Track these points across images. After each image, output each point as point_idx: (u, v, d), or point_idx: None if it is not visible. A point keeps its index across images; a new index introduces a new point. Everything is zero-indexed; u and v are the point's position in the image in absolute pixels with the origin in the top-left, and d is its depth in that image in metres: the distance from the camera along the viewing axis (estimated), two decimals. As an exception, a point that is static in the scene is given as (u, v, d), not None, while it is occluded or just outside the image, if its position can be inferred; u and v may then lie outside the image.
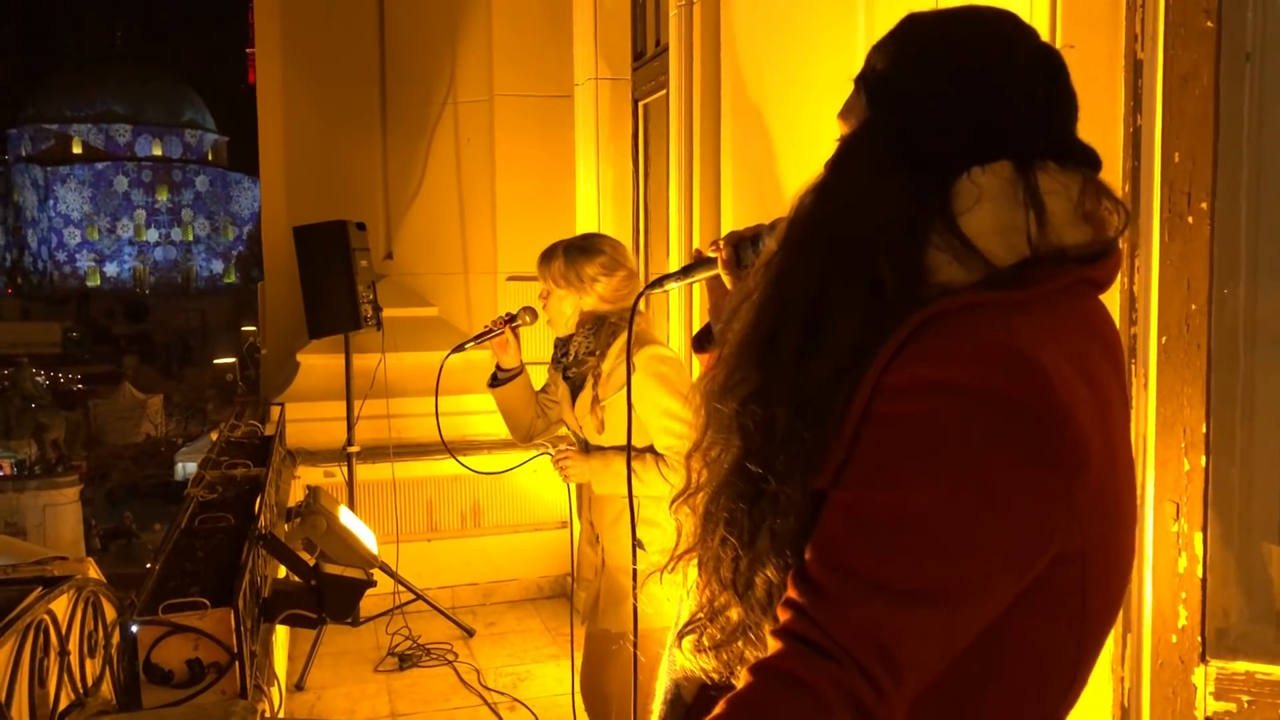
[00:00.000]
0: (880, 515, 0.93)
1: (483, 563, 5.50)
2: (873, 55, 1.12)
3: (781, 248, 1.10)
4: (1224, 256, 2.01)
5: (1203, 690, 2.02)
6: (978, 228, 1.01)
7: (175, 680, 2.05)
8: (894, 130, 1.06)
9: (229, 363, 40.00)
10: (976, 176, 1.02)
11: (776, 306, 1.07)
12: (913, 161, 1.04)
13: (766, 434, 1.03)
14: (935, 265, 1.01)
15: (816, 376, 1.00)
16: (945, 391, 0.93)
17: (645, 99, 5.06)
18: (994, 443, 0.92)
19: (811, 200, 1.10)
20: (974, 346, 0.95)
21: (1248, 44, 2.03)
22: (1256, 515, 2.14)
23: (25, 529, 21.42)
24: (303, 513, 3.45)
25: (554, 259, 2.93)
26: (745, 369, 1.07)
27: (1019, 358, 0.93)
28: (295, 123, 6.07)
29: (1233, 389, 2.07)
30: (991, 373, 0.93)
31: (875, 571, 0.91)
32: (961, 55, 1.06)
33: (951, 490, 0.91)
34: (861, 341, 0.99)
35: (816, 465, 0.98)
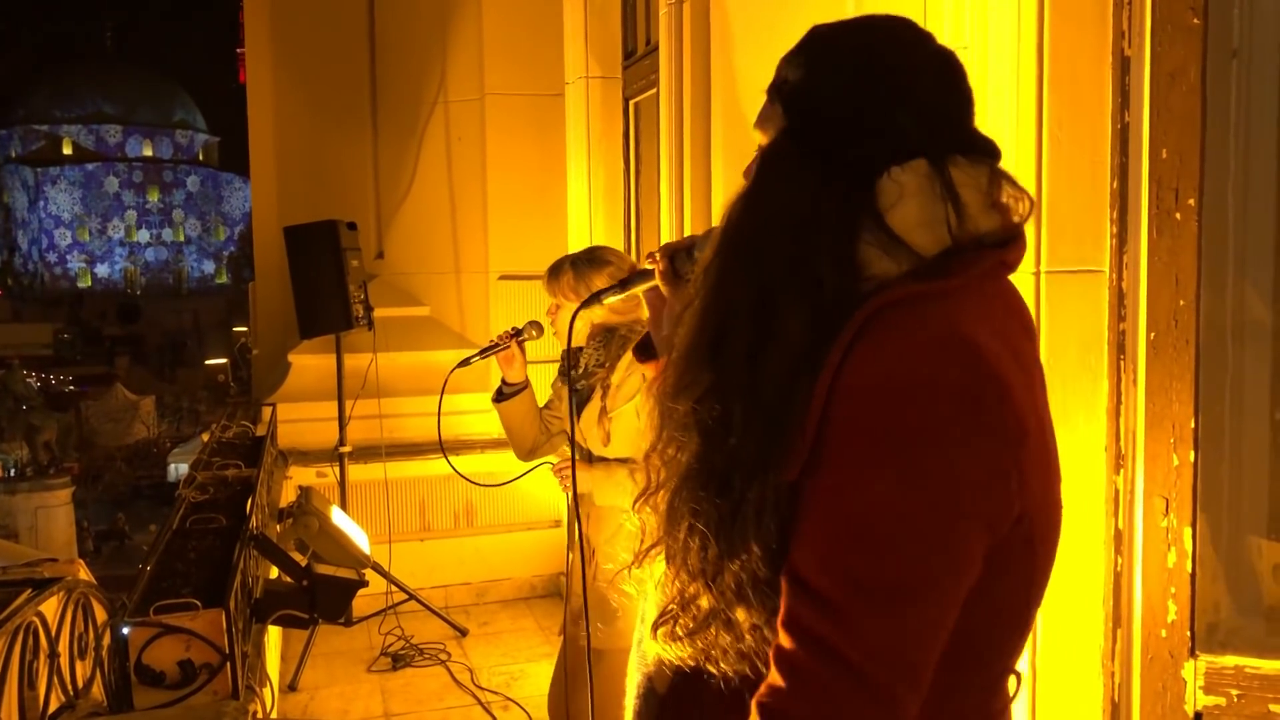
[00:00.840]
0: (860, 513, 0.98)
1: (476, 562, 5.49)
2: (784, 67, 1.18)
3: (719, 255, 1.15)
4: (1212, 252, 2.02)
5: (1192, 685, 2.03)
6: (903, 223, 1.08)
7: (167, 681, 2.05)
8: (814, 137, 1.12)
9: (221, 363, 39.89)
10: (896, 175, 1.08)
11: (721, 310, 1.12)
12: (835, 165, 1.10)
13: (723, 428, 1.08)
14: (867, 260, 1.08)
15: (770, 372, 1.06)
16: (899, 387, 0.99)
17: (636, 98, 5.06)
18: (951, 428, 0.99)
19: (743, 208, 1.15)
20: (920, 339, 1.02)
21: (1234, 41, 2.03)
22: (1245, 510, 2.15)
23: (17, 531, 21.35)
24: (295, 513, 3.45)
25: (562, 273, 2.92)
26: (695, 370, 1.13)
27: (962, 345, 1.01)
28: (286, 122, 6.06)
29: (1221, 384, 2.08)
30: (940, 364, 1.00)
31: (865, 574, 0.97)
32: (870, 63, 1.12)
33: (919, 478, 0.98)
34: (809, 335, 1.05)
35: (779, 457, 1.03)
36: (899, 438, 0.98)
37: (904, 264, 1.07)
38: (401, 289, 6.08)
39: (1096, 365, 2.09)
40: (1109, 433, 2.09)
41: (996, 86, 2.11)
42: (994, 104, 2.11)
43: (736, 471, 1.06)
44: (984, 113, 2.13)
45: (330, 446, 5.09)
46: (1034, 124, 2.05)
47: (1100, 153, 2.07)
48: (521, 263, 5.76)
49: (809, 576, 0.99)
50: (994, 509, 1.01)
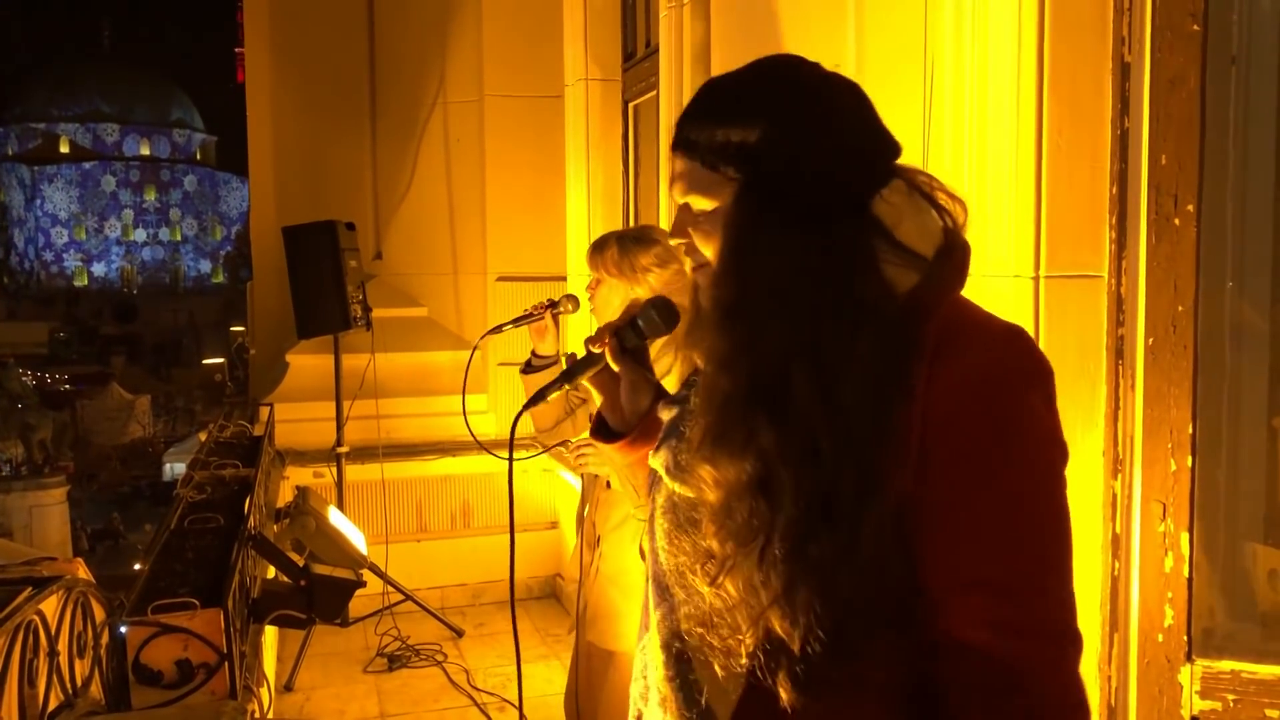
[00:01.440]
0: (1016, 500, 1.07)
1: (472, 563, 5.49)
2: (713, 130, 1.16)
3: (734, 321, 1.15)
4: (1210, 258, 2.03)
5: (1189, 689, 2.03)
6: (910, 236, 1.14)
7: (164, 681, 2.04)
8: (796, 191, 1.13)
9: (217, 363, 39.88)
10: (887, 197, 1.15)
11: (766, 364, 1.12)
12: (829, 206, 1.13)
13: (811, 466, 1.08)
14: (891, 278, 1.13)
15: (851, 403, 1.08)
16: (1001, 380, 1.09)
17: (635, 100, 5.07)
18: (1041, 405, 1.10)
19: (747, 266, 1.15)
20: (992, 335, 1.13)
21: (1234, 47, 2.04)
22: (1242, 515, 2.15)
23: (11, 530, 21.32)
24: (292, 513, 3.45)
25: (607, 248, 2.88)
26: (752, 427, 1.12)
27: (1021, 334, 1.14)
28: (284, 122, 6.06)
29: (1219, 390, 2.09)
30: (1018, 353, 1.12)
31: (1041, 551, 1.07)
32: (820, 108, 1.15)
33: (1040, 454, 1.10)
34: (880, 353, 1.09)
35: (883, 472, 1.07)
36: (1013, 424, 1.08)
37: (914, 274, 1.14)
38: (399, 290, 6.08)
39: (1095, 370, 2.09)
40: (1107, 437, 2.09)
41: (996, 93, 2.11)
42: (994, 110, 2.12)
43: (839, 499, 1.07)
44: (984, 119, 2.14)
45: (328, 447, 5.09)
46: (1034, 129, 2.06)
47: (1100, 158, 2.07)
48: (519, 264, 5.77)
49: (975, 575, 1.06)
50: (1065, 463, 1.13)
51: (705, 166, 1.17)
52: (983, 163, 2.15)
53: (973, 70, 2.16)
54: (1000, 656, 1.04)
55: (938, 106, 2.24)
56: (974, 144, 2.16)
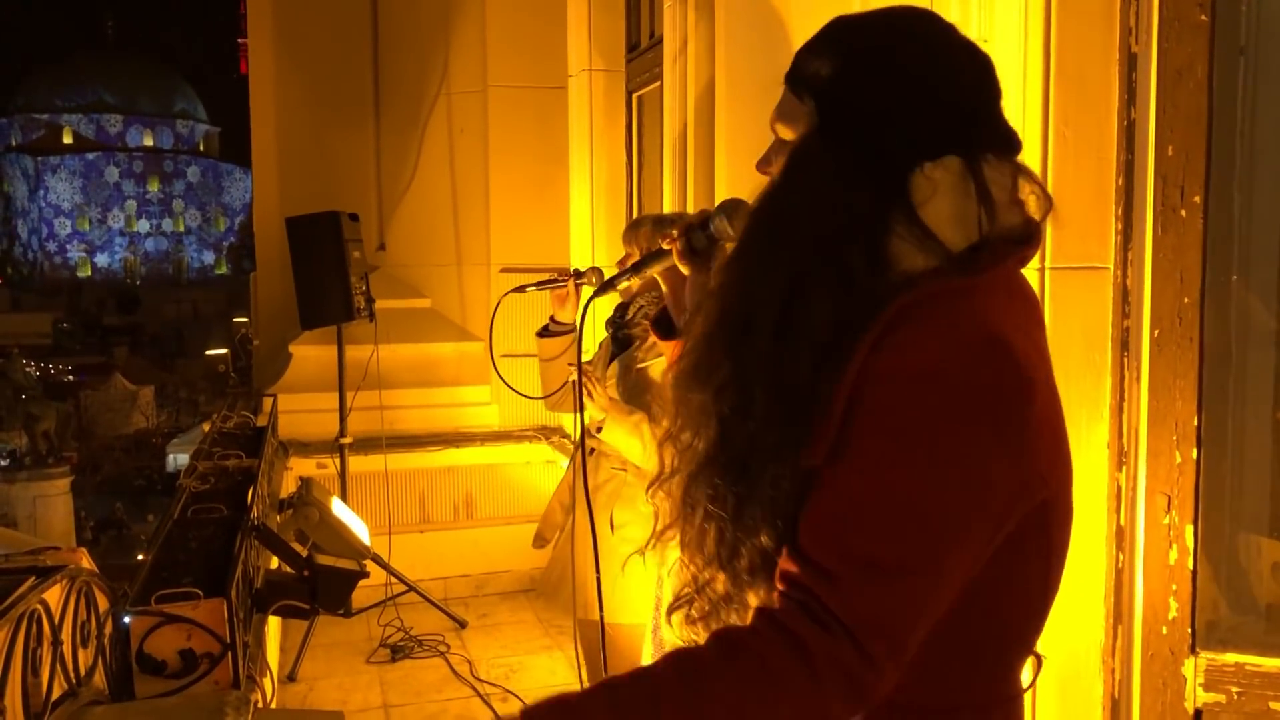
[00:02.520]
0: (873, 496, 1.02)
1: (475, 554, 5.49)
2: (809, 60, 1.16)
3: (747, 244, 1.17)
4: (1217, 250, 2.02)
5: (1192, 681, 2.03)
6: (936, 218, 1.09)
7: (168, 670, 2.05)
8: (846, 132, 1.12)
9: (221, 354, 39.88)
10: (930, 171, 1.09)
11: (747, 297, 1.13)
12: (867, 159, 1.10)
13: (744, 414, 1.10)
14: (898, 254, 1.09)
15: (794, 360, 1.08)
16: (929, 377, 1.02)
17: (639, 91, 5.06)
18: (972, 422, 1.02)
19: (773, 200, 1.16)
20: (952, 333, 1.04)
21: (1242, 38, 2.03)
22: (1247, 508, 2.15)
23: (16, 520, 21.38)
24: (295, 504, 3.45)
25: (643, 225, 2.96)
26: (716, 356, 1.14)
27: (995, 344, 1.03)
28: (287, 113, 6.05)
29: (1224, 382, 2.08)
30: (973, 360, 1.03)
31: (870, 551, 1.00)
32: (903, 58, 1.12)
33: (937, 468, 1.01)
34: (836, 326, 1.07)
35: (802, 442, 1.06)
36: (925, 427, 1.01)
37: (933, 259, 1.09)
38: (403, 281, 6.07)
39: (1100, 362, 2.09)
40: (1112, 429, 2.09)
41: (1003, 82, 2.10)
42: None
43: (754, 456, 1.08)
44: (990, 108, 2.13)
45: (331, 438, 5.09)
46: (1040, 120, 2.05)
47: (1106, 149, 2.07)
48: (523, 255, 5.76)
49: (811, 550, 1.03)
50: (1008, 504, 1.04)
51: (793, 91, 1.17)
52: (988, 154, 2.13)
53: (979, 60, 2.15)
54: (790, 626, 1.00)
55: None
56: (980, 135, 2.15)
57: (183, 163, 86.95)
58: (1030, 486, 1.06)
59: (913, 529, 1.01)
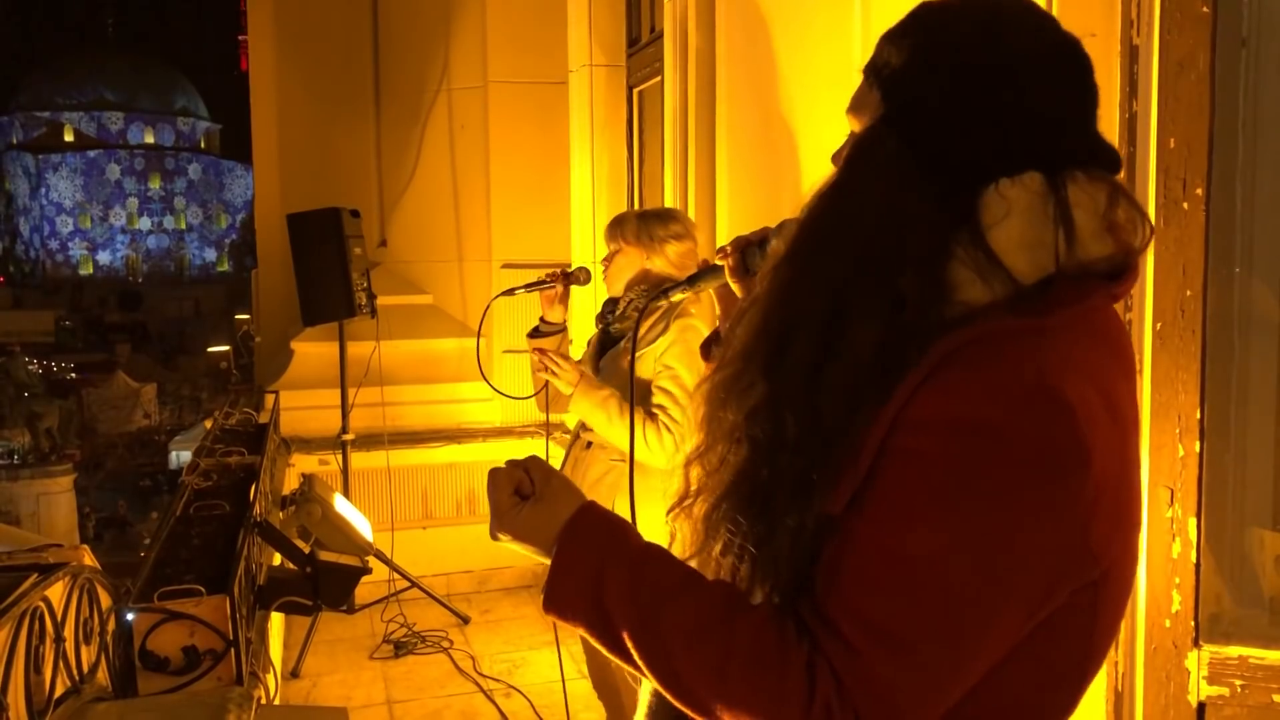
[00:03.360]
0: (893, 558, 0.90)
1: (478, 550, 5.48)
2: (886, 47, 1.06)
3: (793, 253, 1.04)
4: (1219, 243, 2.01)
5: (1196, 675, 2.03)
6: (1005, 243, 0.96)
7: (171, 667, 2.05)
8: (913, 134, 1.00)
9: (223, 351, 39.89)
10: (1005, 189, 0.96)
11: (788, 314, 1.02)
12: (935, 168, 0.98)
13: (775, 442, 0.99)
14: (958, 282, 0.97)
15: (831, 391, 0.96)
16: (969, 430, 0.90)
17: (640, 86, 5.05)
18: (1015, 486, 0.89)
19: (827, 200, 1.04)
20: (1002, 381, 0.91)
21: (1244, 30, 2.02)
22: (1250, 501, 2.14)
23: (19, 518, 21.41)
24: (298, 500, 3.45)
25: (627, 220, 2.99)
26: (751, 375, 1.03)
27: (1048, 395, 0.90)
28: (288, 110, 6.05)
29: (1227, 375, 2.08)
30: (1020, 414, 0.90)
31: (885, 621, 0.90)
32: (985, 52, 0.99)
33: (970, 535, 0.89)
34: (880, 358, 0.95)
35: (827, 484, 0.95)
36: (958, 485, 0.89)
37: (997, 290, 0.96)
38: (404, 277, 6.07)
39: (1102, 355, 2.08)
40: (1114, 423, 2.08)
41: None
42: (1001, 93, 2.10)
43: (779, 491, 0.97)
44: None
45: (333, 434, 5.09)
46: (1041, 113, 2.04)
47: (1108, 142, 2.06)
48: (524, 251, 5.76)
49: (827, 608, 0.93)
50: (1050, 581, 0.93)
51: (866, 80, 1.06)
52: (990, 147, 2.13)
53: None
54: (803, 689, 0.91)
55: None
56: (981, 128, 2.15)
57: (184, 160, 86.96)
58: (1078, 564, 0.93)
59: (933, 600, 0.89)
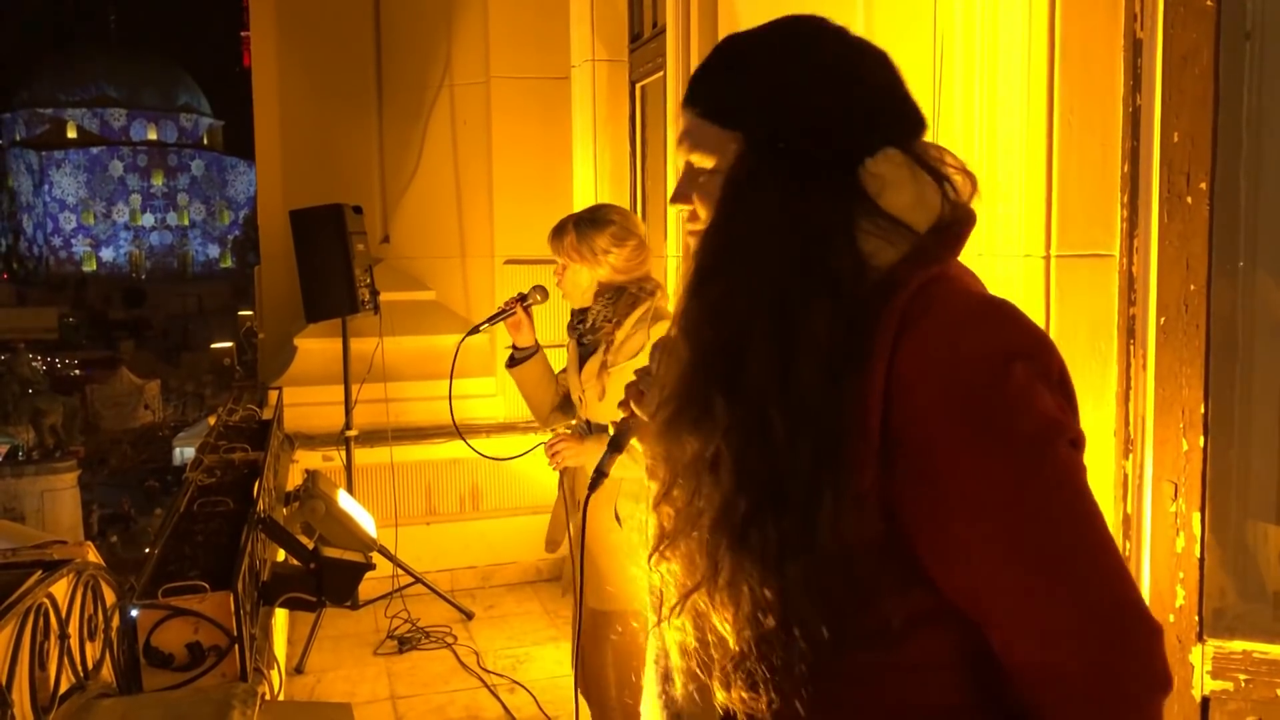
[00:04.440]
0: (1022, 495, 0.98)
1: (481, 546, 5.50)
2: (723, 85, 1.15)
3: (711, 276, 1.11)
4: (1223, 237, 2.01)
5: (1200, 669, 2.03)
6: (900, 206, 1.08)
7: (175, 663, 2.06)
8: (788, 148, 1.09)
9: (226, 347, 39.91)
10: (872, 167, 1.08)
11: (730, 330, 1.07)
12: (812, 167, 1.08)
13: (765, 445, 1.03)
14: (871, 250, 1.06)
15: (806, 378, 1.02)
16: (984, 360, 0.99)
17: (642, 81, 5.04)
18: (1036, 384, 1.00)
19: (733, 224, 1.11)
20: (972, 313, 1.04)
21: (1248, 23, 2.02)
22: (1254, 495, 2.14)
23: (23, 514, 21.45)
24: (301, 497, 3.46)
25: (565, 234, 2.95)
26: (703, 400, 1.07)
27: (1008, 310, 1.05)
28: (291, 106, 6.04)
29: (1231, 369, 2.07)
30: (1004, 330, 1.03)
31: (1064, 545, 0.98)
32: (824, 65, 1.11)
33: (1042, 441, 0.98)
34: (836, 333, 1.02)
35: (839, 463, 1.00)
36: (996, 408, 0.98)
37: (902, 247, 1.07)
38: (407, 273, 6.07)
39: (1106, 350, 2.08)
40: (1118, 417, 2.08)
41: (1007, 70, 2.09)
42: (1005, 87, 2.10)
43: (794, 484, 1.01)
44: (994, 97, 2.12)
45: (336, 430, 5.09)
46: (1045, 107, 2.04)
47: (1111, 136, 2.06)
48: (527, 247, 5.75)
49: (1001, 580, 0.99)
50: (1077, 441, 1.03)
51: (710, 122, 1.14)
52: (993, 141, 2.13)
53: (983, 48, 2.14)
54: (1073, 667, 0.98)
55: (947, 84, 2.22)
56: (984, 122, 2.14)
57: (187, 156, 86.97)
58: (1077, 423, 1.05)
59: (1067, 503, 0.99)
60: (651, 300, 2.88)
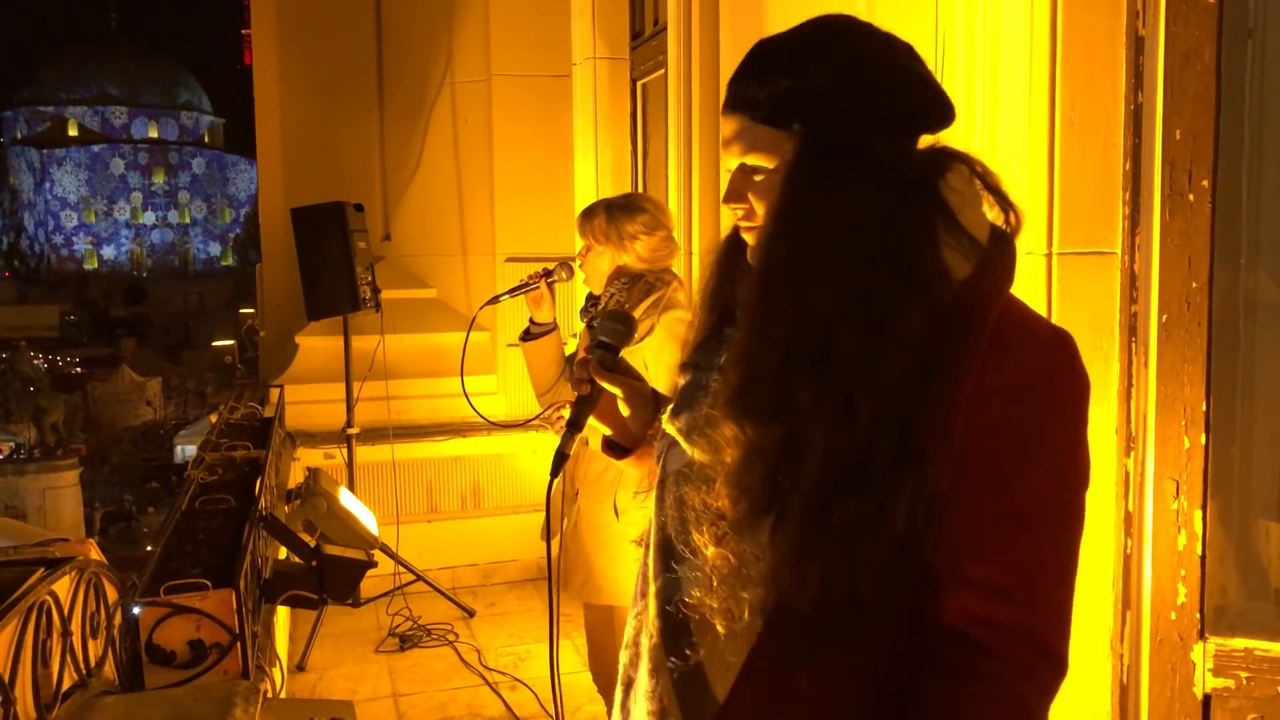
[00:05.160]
0: (1036, 507, 1.08)
1: (483, 544, 5.50)
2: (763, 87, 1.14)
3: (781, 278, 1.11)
4: (1225, 234, 2.01)
5: (1201, 667, 2.03)
6: (973, 224, 1.13)
7: (177, 661, 2.06)
8: (845, 146, 1.11)
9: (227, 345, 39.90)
10: (953, 183, 1.14)
11: (814, 322, 1.08)
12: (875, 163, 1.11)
13: (852, 431, 1.05)
14: (950, 263, 1.10)
15: (897, 374, 1.05)
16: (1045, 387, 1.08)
17: (644, 78, 5.04)
18: (1078, 418, 1.11)
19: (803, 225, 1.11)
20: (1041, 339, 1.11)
21: (1250, 21, 2.02)
22: (1256, 493, 2.14)
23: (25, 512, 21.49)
24: (303, 494, 3.46)
25: (595, 215, 2.94)
26: (787, 387, 1.08)
27: (1067, 341, 1.12)
28: (292, 104, 6.04)
29: (1233, 367, 2.07)
30: (1062, 362, 1.10)
31: (1046, 560, 1.09)
32: (873, 62, 1.14)
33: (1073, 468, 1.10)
34: (927, 335, 1.06)
35: (921, 458, 1.05)
36: (1051, 432, 1.08)
37: (972, 260, 1.12)
38: (408, 271, 6.07)
39: (1108, 347, 2.08)
40: (1120, 415, 2.08)
41: (1009, 67, 2.09)
42: (1006, 85, 2.10)
43: (874, 465, 1.05)
44: (996, 94, 2.12)
45: (338, 428, 5.09)
46: (1047, 105, 2.04)
47: (1113, 134, 2.06)
48: (528, 244, 5.75)
49: (977, 572, 1.06)
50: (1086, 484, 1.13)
51: (765, 122, 1.15)
52: (995, 139, 2.13)
53: (985, 45, 2.14)
54: (988, 652, 1.06)
55: (949, 82, 2.22)
56: (986, 120, 2.14)
57: (188, 154, 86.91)
58: None
59: (1064, 526, 1.09)
60: (666, 289, 2.86)
